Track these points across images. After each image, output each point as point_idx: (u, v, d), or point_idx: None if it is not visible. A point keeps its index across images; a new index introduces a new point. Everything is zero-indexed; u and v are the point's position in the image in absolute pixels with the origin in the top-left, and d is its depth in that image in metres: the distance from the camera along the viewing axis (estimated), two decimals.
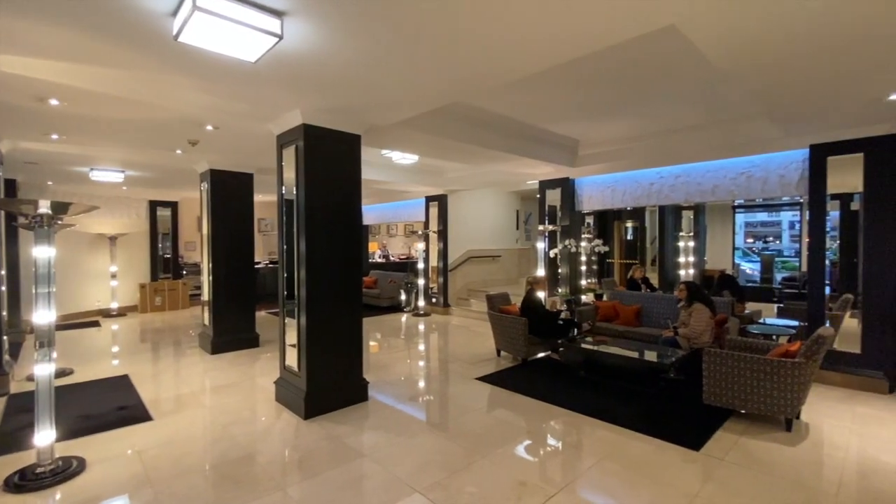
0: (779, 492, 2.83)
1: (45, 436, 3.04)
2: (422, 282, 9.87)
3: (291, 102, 3.76)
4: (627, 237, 10.19)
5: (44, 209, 2.95)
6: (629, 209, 8.19)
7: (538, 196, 7.84)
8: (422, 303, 9.76)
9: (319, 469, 3.15)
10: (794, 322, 5.93)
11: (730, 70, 3.17)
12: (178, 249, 11.09)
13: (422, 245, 10.08)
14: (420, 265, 9.99)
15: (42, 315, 3.00)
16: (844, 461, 3.21)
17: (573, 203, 7.41)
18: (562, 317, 6.18)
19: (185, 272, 11.18)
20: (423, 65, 2.96)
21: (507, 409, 4.32)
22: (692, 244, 9.29)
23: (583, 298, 7.38)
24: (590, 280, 8.40)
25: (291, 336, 4.30)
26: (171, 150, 5.69)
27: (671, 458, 3.26)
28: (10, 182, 7.39)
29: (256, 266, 7.85)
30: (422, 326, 8.59)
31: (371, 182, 8.20)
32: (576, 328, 6.07)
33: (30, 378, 4.88)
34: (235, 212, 6.56)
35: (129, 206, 10.20)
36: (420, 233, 10.19)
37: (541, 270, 7.74)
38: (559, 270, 7.48)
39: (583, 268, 7.83)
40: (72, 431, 3.72)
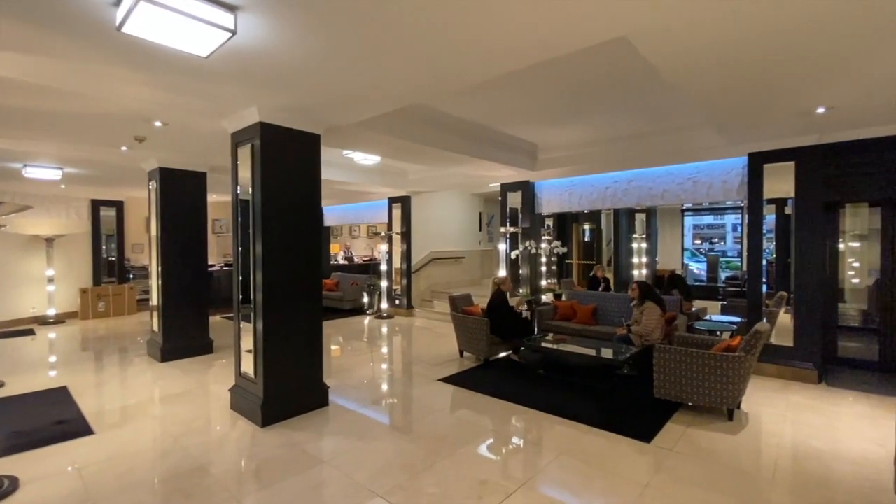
0: (721, 478, 3.02)
1: None
2: (385, 284, 9.79)
3: (247, 100, 3.64)
4: (585, 239, 10.53)
5: None
6: (586, 212, 8.50)
7: (500, 198, 7.98)
8: (385, 305, 9.68)
9: (277, 478, 3.07)
10: (737, 318, 6.33)
11: (676, 81, 3.38)
12: (125, 252, 10.46)
13: (385, 247, 10.00)
14: (383, 267, 9.91)
15: None
16: (779, 447, 3.46)
17: (533, 205, 7.59)
18: (523, 316, 6.30)
19: (132, 276, 10.57)
20: (380, 65, 2.96)
21: (469, 409, 4.36)
22: (645, 245, 9.75)
23: (543, 298, 7.56)
24: (550, 280, 8.64)
25: (248, 341, 4.15)
26: (116, 147, 5.37)
27: (624, 451, 3.40)
28: None
29: (210, 269, 7.54)
30: (385, 329, 8.52)
31: (333, 182, 8.06)
32: (535, 328, 6.21)
33: None
34: (187, 212, 6.27)
35: (69, 206, 9.53)
36: (383, 234, 10.10)
37: (503, 271, 7.87)
38: (520, 271, 7.64)
39: (543, 268, 8.03)
40: (2, 449, 3.44)
